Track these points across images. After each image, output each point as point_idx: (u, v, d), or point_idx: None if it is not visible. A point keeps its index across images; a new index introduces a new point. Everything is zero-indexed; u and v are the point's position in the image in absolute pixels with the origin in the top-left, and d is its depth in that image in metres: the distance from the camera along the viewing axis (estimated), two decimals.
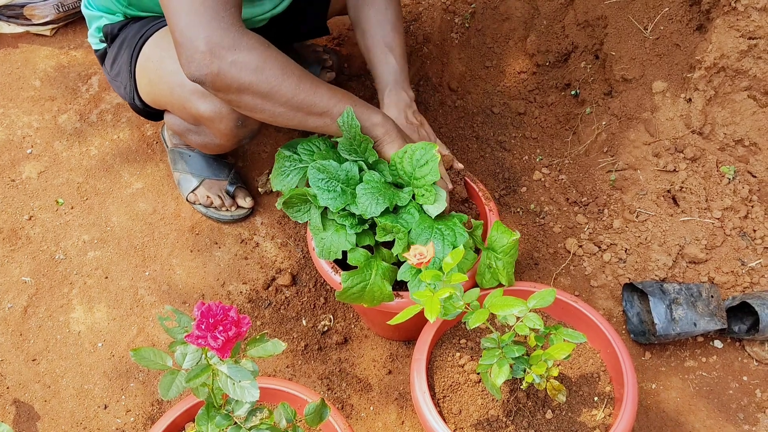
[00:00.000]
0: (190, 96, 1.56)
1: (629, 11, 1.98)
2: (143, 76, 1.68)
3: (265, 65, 1.33)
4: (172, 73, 1.56)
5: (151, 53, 1.64)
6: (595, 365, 1.42)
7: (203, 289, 1.88)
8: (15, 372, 1.76)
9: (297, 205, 1.50)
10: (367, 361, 1.77)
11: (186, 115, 1.63)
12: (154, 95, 1.69)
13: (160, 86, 1.63)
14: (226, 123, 1.58)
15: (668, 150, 1.84)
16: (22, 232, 1.98)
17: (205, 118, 1.58)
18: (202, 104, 1.55)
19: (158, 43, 1.64)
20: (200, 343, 0.91)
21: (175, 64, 1.49)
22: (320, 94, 1.40)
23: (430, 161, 1.42)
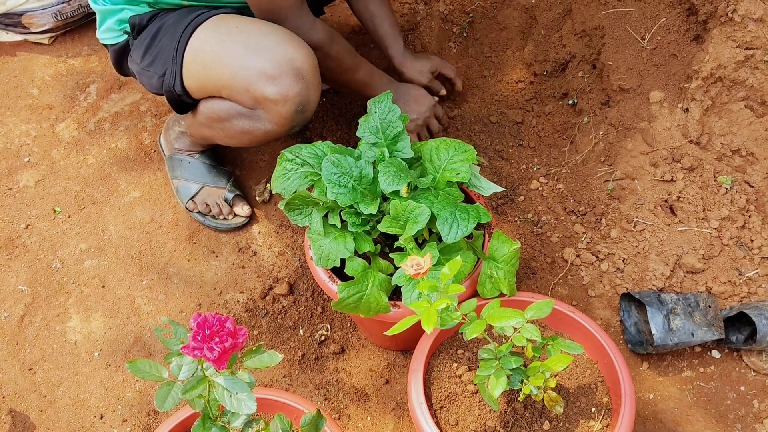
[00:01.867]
0: (257, 78, 1.58)
1: (626, 21, 1.98)
2: (196, 61, 1.67)
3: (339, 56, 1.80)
4: (236, 56, 1.60)
5: (208, 38, 1.65)
6: (593, 376, 1.42)
7: (200, 298, 1.87)
8: (11, 381, 1.75)
9: (299, 207, 1.50)
10: (365, 371, 1.77)
11: (247, 97, 1.63)
12: (207, 79, 1.68)
13: (220, 68, 1.64)
14: (289, 106, 1.61)
15: (665, 160, 1.84)
16: (18, 240, 1.98)
17: (270, 101, 1.60)
18: (269, 87, 1.58)
19: (216, 29, 1.65)
20: (196, 354, 0.91)
21: (235, 49, 1.60)
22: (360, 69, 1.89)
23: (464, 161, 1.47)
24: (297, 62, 1.58)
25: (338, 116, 2.25)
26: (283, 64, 1.56)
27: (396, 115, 1.53)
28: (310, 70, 1.61)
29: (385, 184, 1.41)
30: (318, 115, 2.26)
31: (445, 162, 1.49)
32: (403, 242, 1.42)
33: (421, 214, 1.38)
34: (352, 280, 1.43)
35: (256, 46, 1.58)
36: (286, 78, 1.57)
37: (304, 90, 1.60)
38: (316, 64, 1.65)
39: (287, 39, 1.60)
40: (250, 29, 1.62)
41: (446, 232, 1.38)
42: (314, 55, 1.65)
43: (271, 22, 1.66)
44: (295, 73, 1.58)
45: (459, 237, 1.37)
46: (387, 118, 1.53)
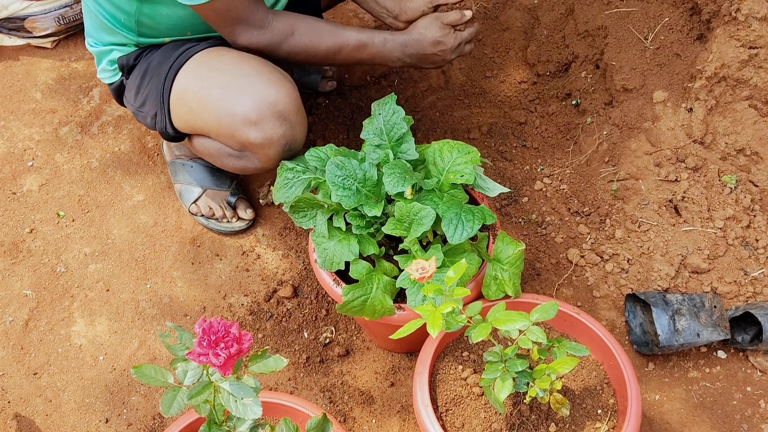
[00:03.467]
0: (240, 125, 1.58)
1: (629, 21, 1.98)
2: (181, 106, 1.68)
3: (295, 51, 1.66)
4: (219, 102, 1.60)
5: (189, 83, 1.64)
6: (599, 378, 1.41)
7: (204, 302, 1.87)
8: (16, 386, 1.75)
9: (303, 210, 1.50)
10: (370, 374, 1.77)
11: (233, 142, 1.65)
12: (194, 123, 1.69)
13: (204, 115, 1.64)
14: (275, 148, 1.61)
15: (670, 160, 1.84)
16: (23, 245, 1.98)
17: (255, 145, 1.61)
18: (253, 132, 1.58)
19: (196, 72, 1.64)
20: (202, 360, 0.90)
21: (217, 94, 1.59)
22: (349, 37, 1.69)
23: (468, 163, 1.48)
24: (279, 105, 1.56)
25: (339, 118, 2.25)
26: (264, 108, 1.55)
27: (400, 117, 1.53)
28: (293, 110, 1.60)
29: (390, 186, 1.41)
30: (320, 117, 2.26)
31: (449, 164, 1.49)
32: (408, 244, 1.42)
33: (426, 215, 1.38)
34: (357, 283, 1.43)
35: (238, 91, 1.57)
36: (269, 122, 1.56)
37: (289, 131, 1.59)
38: (299, 101, 1.63)
39: (267, 79, 1.58)
40: (230, 71, 1.60)
41: (451, 233, 1.37)
42: (296, 91, 1.63)
43: (251, 58, 1.64)
44: (277, 116, 1.56)
45: (464, 238, 1.37)
46: (391, 120, 1.53)
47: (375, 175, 1.47)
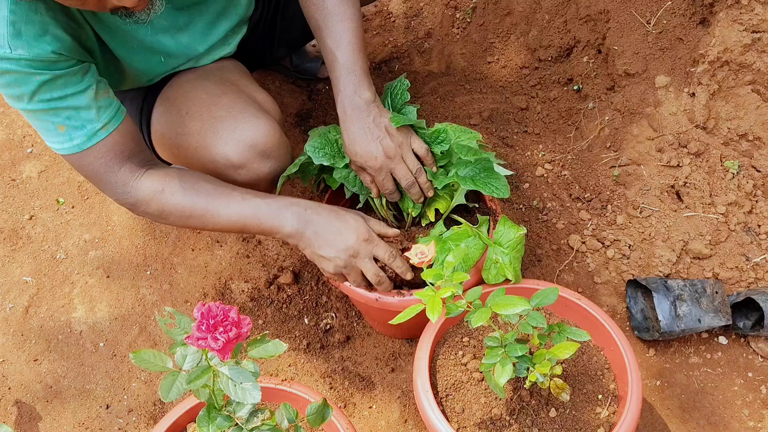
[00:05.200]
0: (225, 169, 1.52)
1: (631, 5, 1.96)
2: (163, 150, 1.65)
3: (166, 213, 1.44)
4: (198, 150, 1.53)
5: (164, 131, 1.61)
6: (599, 363, 1.41)
7: (205, 288, 1.87)
8: (17, 372, 1.75)
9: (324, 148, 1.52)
10: (370, 359, 1.76)
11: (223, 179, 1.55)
12: (182, 163, 1.64)
13: (187, 161, 1.59)
14: (264, 184, 1.57)
15: (672, 145, 1.83)
16: (23, 231, 1.98)
17: (244, 184, 1.53)
18: (240, 174, 1.53)
19: (168, 119, 1.59)
20: (201, 344, 0.90)
21: (194, 141, 1.53)
22: (226, 220, 1.43)
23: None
24: (259, 145, 1.49)
25: None
26: (245, 151, 1.49)
27: (405, 87, 1.58)
28: (275, 145, 1.52)
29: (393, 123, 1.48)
30: (320, 103, 2.25)
31: (453, 141, 1.51)
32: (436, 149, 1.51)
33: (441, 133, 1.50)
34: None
35: (213, 137, 1.50)
36: (253, 164, 1.51)
37: (275, 165, 1.55)
38: (280, 133, 1.55)
39: (243, 119, 1.50)
40: (200, 114, 1.53)
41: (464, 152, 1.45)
42: (275, 123, 1.55)
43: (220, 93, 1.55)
44: (260, 155, 1.51)
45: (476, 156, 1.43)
46: (397, 91, 1.60)
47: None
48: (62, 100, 1.30)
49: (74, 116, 1.33)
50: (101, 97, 1.36)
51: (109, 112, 1.37)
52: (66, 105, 1.31)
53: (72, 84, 1.31)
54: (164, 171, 1.45)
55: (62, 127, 1.33)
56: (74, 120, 1.33)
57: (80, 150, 1.36)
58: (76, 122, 1.33)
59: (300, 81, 2.29)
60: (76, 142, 1.35)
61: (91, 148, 1.36)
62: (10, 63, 1.23)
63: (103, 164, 1.38)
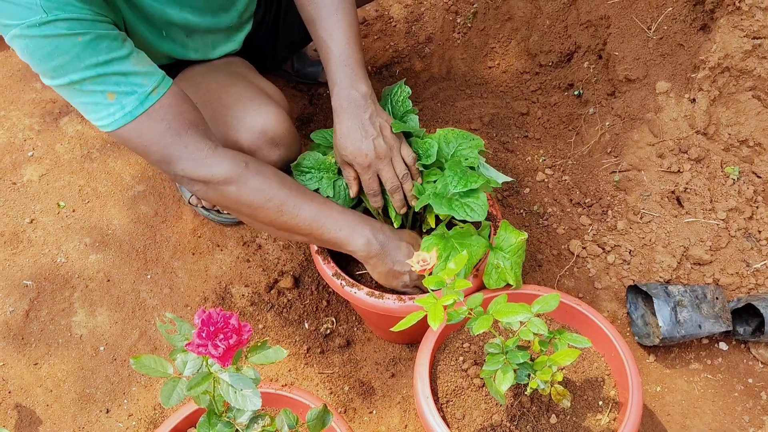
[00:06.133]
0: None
1: (632, 11, 1.96)
2: None
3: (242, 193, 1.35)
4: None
5: None
6: (600, 369, 1.41)
7: (205, 292, 1.87)
8: (17, 376, 1.75)
9: (311, 171, 1.50)
10: (370, 364, 1.76)
11: None
12: None
13: None
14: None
15: (672, 151, 1.83)
16: (23, 235, 1.98)
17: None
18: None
19: None
20: (201, 351, 0.90)
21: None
22: (303, 218, 1.40)
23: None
24: (269, 132, 1.51)
25: None
26: (255, 138, 1.50)
27: (406, 95, 1.57)
28: (285, 133, 1.54)
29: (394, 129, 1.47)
30: (320, 108, 2.25)
31: (453, 149, 1.51)
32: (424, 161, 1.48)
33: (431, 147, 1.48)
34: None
35: (224, 125, 1.50)
36: (262, 151, 1.52)
37: (284, 153, 1.56)
38: (289, 122, 1.56)
39: (252, 108, 1.51)
40: (211, 104, 1.52)
41: (454, 183, 1.42)
42: (285, 112, 1.56)
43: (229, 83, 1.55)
44: (269, 143, 1.52)
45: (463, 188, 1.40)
46: (398, 98, 1.59)
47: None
48: (109, 65, 1.23)
49: (123, 82, 1.25)
50: (146, 64, 1.30)
51: (156, 77, 1.30)
52: (113, 70, 1.24)
53: (115, 48, 1.24)
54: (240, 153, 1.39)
55: (112, 95, 1.25)
56: (124, 86, 1.25)
57: (134, 117, 1.27)
58: (126, 87, 1.25)
59: (301, 85, 2.29)
60: (128, 109, 1.26)
61: (146, 114, 1.27)
62: (48, 27, 1.17)
63: (163, 129, 1.29)
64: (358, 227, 1.43)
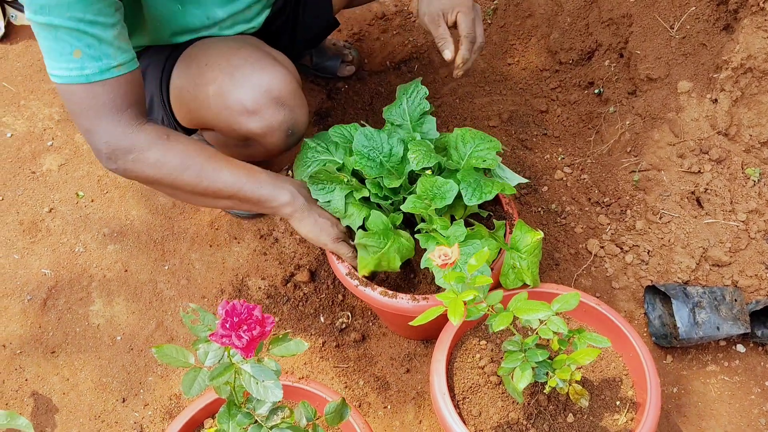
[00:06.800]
0: (238, 116, 1.54)
1: (655, 9, 1.95)
2: (180, 107, 1.67)
3: (163, 160, 1.39)
4: (213, 98, 1.56)
5: (183, 84, 1.62)
6: (617, 369, 1.40)
7: (222, 284, 1.87)
8: (34, 364, 1.77)
9: (323, 182, 1.50)
10: (385, 360, 1.76)
11: (234, 134, 1.62)
12: (197, 121, 1.68)
13: (203, 112, 1.62)
14: (277, 135, 1.59)
15: (693, 151, 1.82)
16: (42, 224, 1.99)
17: (257, 135, 1.58)
18: (252, 122, 1.55)
19: (187, 72, 1.61)
20: (225, 342, 0.90)
21: (210, 89, 1.55)
22: (224, 181, 1.44)
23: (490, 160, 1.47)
24: (274, 91, 1.52)
25: (358, 103, 2.24)
26: (260, 96, 1.52)
27: (422, 96, 1.55)
28: (290, 94, 1.56)
29: (415, 162, 1.42)
30: (339, 102, 2.25)
31: (470, 150, 1.49)
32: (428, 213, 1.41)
33: (450, 189, 1.40)
34: (373, 232, 1.44)
35: (230, 83, 1.53)
36: (266, 110, 1.53)
37: (289, 116, 1.57)
38: (296, 84, 1.59)
39: (259, 67, 1.54)
40: (219, 64, 1.55)
41: (468, 195, 1.39)
42: (293, 76, 1.58)
43: (238, 47, 1.58)
44: (275, 102, 1.53)
45: (478, 200, 1.38)
46: (414, 101, 1.56)
47: (401, 152, 1.49)
48: (91, 26, 1.27)
49: (95, 46, 1.28)
50: (123, 41, 1.35)
51: (127, 56, 1.35)
52: (92, 32, 1.27)
53: (104, 14, 1.28)
54: (165, 127, 1.45)
55: (78, 53, 1.28)
56: (93, 49, 1.29)
57: (88, 81, 1.31)
58: (95, 52, 1.29)
59: (319, 80, 2.29)
60: (87, 72, 1.30)
61: (100, 82, 1.32)
62: None
63: (108, 101, 1.34)
64: (280, 183, 1.48)
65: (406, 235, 1.48)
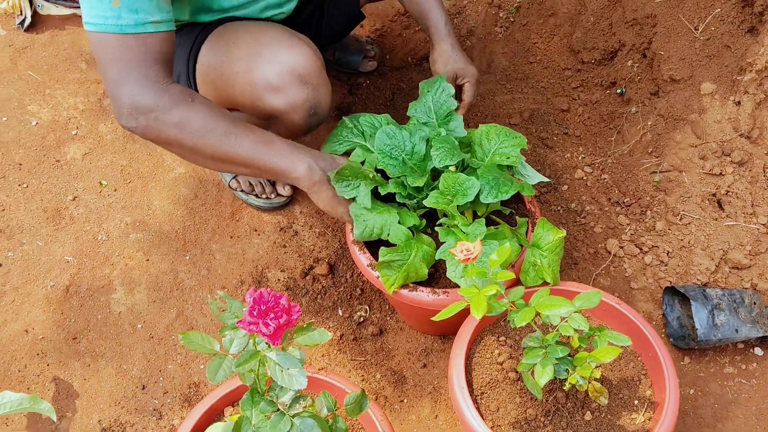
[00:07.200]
0: (262, 92, 1.58)
1: (680, 10, 1.94)
2: (206, 84, 1.70)
3: (187, 121, 1.38)
4: (239, 74, 1.59)
5: (210, 61, 1.65)
6: (636, 369, 1.40)
7: (242, 275, 1.89)
8: (55, 350, 1.79)
9: (348, 179, 1.51)
10: (402, 354, 1.78)
11: (258, 112, 1.65)
12: (221, 98, 1.71)
13: (228, 89, 1.65)
14: (300, 113, 1.61)
15: (715, 153, 1.81)
16: (66, 212, 2.02)
17: (280, 112, 1.61)
18: (275, 99, 1.58)
19: (215, 49, 1.64)
20: (252, 329, 0.92)
21: (237, 66, 1.58)
22: (244, 147, 1.43)
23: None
24: (299, 69, 1.56)
25: (380, 99, 2.25)
26: (285, 74, 1.55)
27: (449, 94, 1.55)
28: (315, 72, 1.59)
29: (438, 160, 1.43)
30: (360, 98, 2.26)
31: (495, 146, 1.49)
32: (447, 219, 1.42)
33: (471, 186, 1.40)
34: (396, 247, 1.44)
35: (256, 60, 1.56)
36: (290, 87, 1.56)
37: (312, 94, 1.60)
38: (320, 64, 1.62)
39: (286, 45, 1.58)
40: (247, 42, 1.59)
41: (485, 193, 1.40)
42: (317, 56, 1.62)
43: (266, 27, 1.62)
44: (299, 80, 1.56)
45: (494, 199, 1.39)
46: (440, 99, 1.55)
47: (423, 149, 1.49)
48: None
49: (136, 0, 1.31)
50: (165, 2, 1.37)
51: (165, 15, 1.36)
52: None
53: None
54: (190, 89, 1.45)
55: (117, 2, 1.30)
56: (134, 3, 1.31)
57: (122, 32, 1.31)
58: (133, 5, 1.31)
59: (341, 75, 2.31)
60: (122, 22, 1.31)
61: (134, 35, 1.33)
62: None
63: (140, 54, 1.34)
64: (298, 155, 1.47)
65: (428, 240, 1.49)
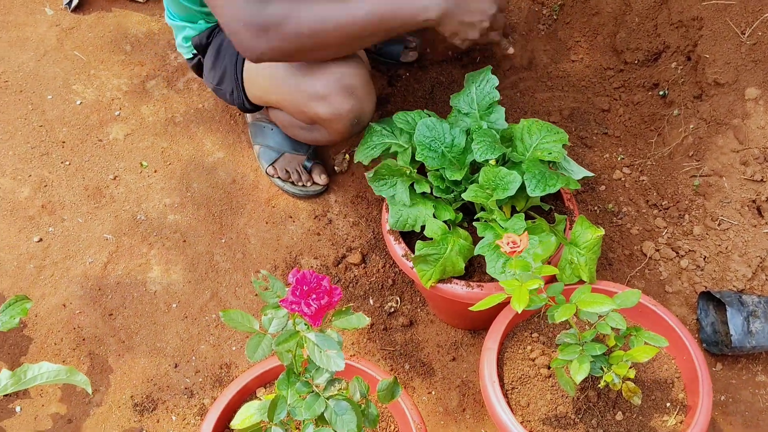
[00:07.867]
0: (308, 99, 1.62)
1: (727, 14, 1.92)
2: (253, 83, 1.74)
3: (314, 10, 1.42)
4: (287, 78, 1.63)
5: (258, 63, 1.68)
6: (670, 371, 1.40)
7: (276, 261, 1.91)
8: (92, 325, 1.82)
9: (384, 177, 1.52)
10: (432, 346, 1.78)
11: (302, 117, 1.70)
12: (266, 98, 1.75)
13: (274, 91, 1.69)
14: (343, 122, 1.65)
15: (757, 159, 1.79)
16: (106, 191, 2.05)
17: (324, 120, 1.65)
18: (321, 107, 1.62)
19: None
20: (294, 308, 0.93)
21: (289, 69, 1.61)
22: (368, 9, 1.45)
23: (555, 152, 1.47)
24: (346, 79, 1.58)
25: (419, 92, 2.25)
26: (332, 83, 1.58)
27: (492, 85, 1.56)
28: (361, 84, 1.62)
29: (479, 153, 1.43)
30: (399, 90, 2.26)
31: (536, 141, 1.49)
32: (489, 204, 1.42)
33: (513, 180, 1.40)
34: (432, 241, 1.45)
35: (305, 67, 1.60)
36: (336, 96, 1.59)
37: (357, 105, 1.62)
38: (367, 76, 1.65)
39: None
40: None
41: (532, 187, 1.40)
42: (365, 67, 1.64)
43: None
44: (345, 90, 1.59)
45: (542, 192, 1.39)
46: (484, 90, 1.56)
47: (463, 142, 1.49)
48: None
49: None
50: None
51: None
52: None
53: None
54: None
55: None
56: None
57: None
58: None
59: (381, 65, 2.31)
60: None
61: None
62: None
63: None
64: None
65: (464, 234, 1.49)
